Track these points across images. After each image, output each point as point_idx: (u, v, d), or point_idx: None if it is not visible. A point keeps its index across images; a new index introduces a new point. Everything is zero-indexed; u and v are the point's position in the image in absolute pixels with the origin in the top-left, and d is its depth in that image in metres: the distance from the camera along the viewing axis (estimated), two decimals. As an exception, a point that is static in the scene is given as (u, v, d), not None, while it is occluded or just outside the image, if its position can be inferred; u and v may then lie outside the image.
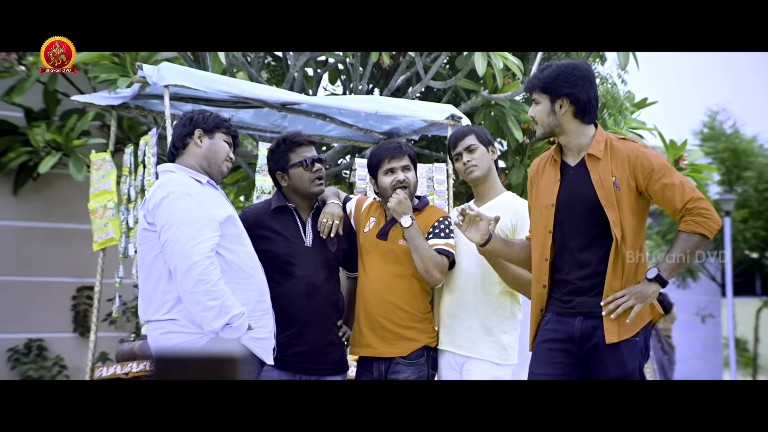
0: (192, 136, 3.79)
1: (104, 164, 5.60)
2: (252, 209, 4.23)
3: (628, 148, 3.49)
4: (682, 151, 7.07)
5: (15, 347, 8.01)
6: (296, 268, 4.02)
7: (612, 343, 3.41)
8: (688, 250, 3.40)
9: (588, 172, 3.51)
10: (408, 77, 7.06)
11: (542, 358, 3.56)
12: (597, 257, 3.47)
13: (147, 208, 3.67)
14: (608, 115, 6.69)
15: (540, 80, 3.57)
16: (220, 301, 3.49)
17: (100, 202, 5.59)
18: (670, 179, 3.43)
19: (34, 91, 7.66)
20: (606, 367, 3.42)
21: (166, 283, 3.60)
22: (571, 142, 3.57)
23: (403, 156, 4.15)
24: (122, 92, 5.53)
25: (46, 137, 7.26)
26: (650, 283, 3.41)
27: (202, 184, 3.73)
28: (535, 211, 3.67)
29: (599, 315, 3.44)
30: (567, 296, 3.53)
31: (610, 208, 3.43)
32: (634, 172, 3.44)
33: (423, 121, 5.59)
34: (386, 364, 4.06)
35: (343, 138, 6.16)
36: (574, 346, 3.50)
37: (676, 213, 3.43)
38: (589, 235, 3.49)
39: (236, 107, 5.64)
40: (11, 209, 7.99)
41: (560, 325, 3.53)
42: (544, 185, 3.63)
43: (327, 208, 4.14)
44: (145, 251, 3.69)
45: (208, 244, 3.54)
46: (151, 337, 3.72)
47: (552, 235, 3.56)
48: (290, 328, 3.96)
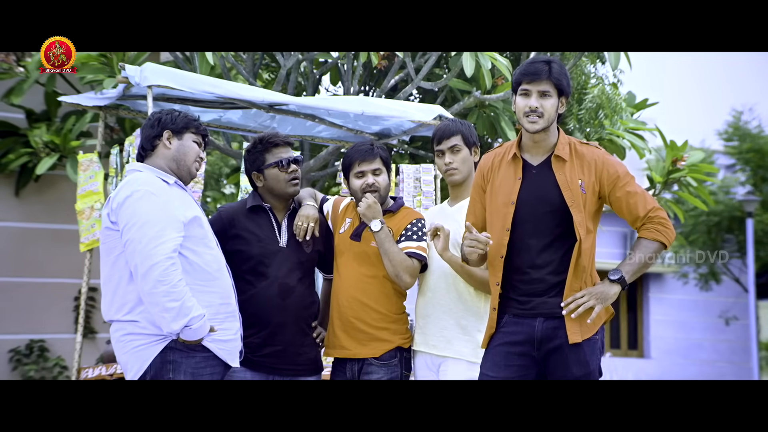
0: (160, 137, 3.75)
1: (91, 165, 5.60)
2: (227, 209, 4.19)
3: (594, 154, 3.55)
4: (682, 152, 6.97)
5: (16, 348, 8.04)
6: (270, 269, 4.00)
7: (575, 343, 3.40)
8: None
9: (552, 173, 3.51)
10: (403, 78, 7.00)
11: (497, 360, 3.52)
12: (557, 257, 3.47)
13: (111, 206, 3.63)
14: (604, 115, 6.59)
15: (555, 74, 3.50)
16: (179, 302, 3.45)
17: (87, 203, 5.59)
18: (633, 188, 3.50)
19: (36, 93, 7.70)
20: (569, 366, 3.42)
21: (127, 284, 3.56)
22: (546, 140, 3.56)
23: (373, 159, 4.10)
24: (108, 93, 5.53)
25: (44, 138, 7.28)
26: (612, 283, 3.44)
27: (169, 184, 3.69)
28: (491, 207, 3.63)
29: (560, 316, 3.43)
30: (525, 297, 3.51)
31: (576, 209, 3.45)
32: (599, 178, 3.50)
33: (411, 121, 5.54)
34: (359, 365, 4.03)
35: (334, 139, 6.12)
36: (533, 348, 3.48)
37: (638, 220, 3.49)
38: (550, 236, 3.48)
39: (224, 108, 5.62)
40: (13, 210, 8.03)
41: (519, 327, 3.50)
42: (501, 182, 3.59)
43: (302, 211, 4.11)
44: (107, 251, 3.66)
45: (171, 245, 3.50)
46: (112, 338, 3.69)
47: (509, 233, 3.52)
48: (264, 328, 3.95)
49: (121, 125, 7.90)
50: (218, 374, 3.65)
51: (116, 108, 5.64)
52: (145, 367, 3.55)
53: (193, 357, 3.56)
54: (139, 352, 3.56)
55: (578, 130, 6.75)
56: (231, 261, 3.86)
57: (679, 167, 6.85)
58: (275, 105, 5.53)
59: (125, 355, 3.62)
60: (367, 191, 4.07)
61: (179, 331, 3.48)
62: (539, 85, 3.50)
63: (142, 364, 3.55)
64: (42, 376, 8.02)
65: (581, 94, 6.85)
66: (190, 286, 3.52)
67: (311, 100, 5.67)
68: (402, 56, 6.51)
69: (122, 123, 7.87)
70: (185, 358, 3.55)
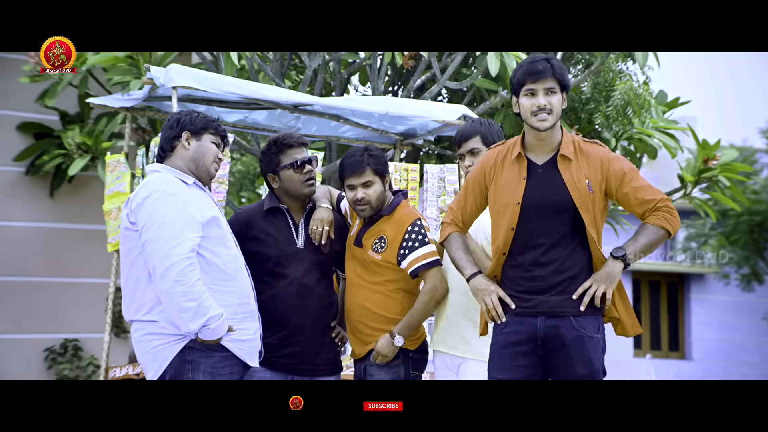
0: (179, 138, 3.76)
1: (118, 166, 5.65)
2: (244, 211, 4.21)
3: (599, 152, 3.55)
4: (714, 151, 6.87)
5: (51, 347, 8.17)
6: (288, 270, 4.02)
7: (580, 335, 3.42)
8: (654, 242, 3.48)
9: (558, 172, 3.51)
10: (430, 78, 6.97)
11: (503, 363, 3.52)
12: (563, 256, 3.47)
13: (130, 207, 3.66)
14: (632, 113, 6.51)
15: (559, 71, 3.52)
16: (197, 302, 3.46)
17: (114, 204, 5.64)
18: (639, 182, 3.52)
19: (70, 95, 7.81)
20: (573, 365, 3.42)
21: (146, 284, 3.58)
22: (551, 138, 3.55)
23: (362, 172, 4.02)
24: (135, 94, 5.56)
25: (77, 140, 7.38)
26: (615, 260, 3.46)
27: (187, 184, 3.70)
28: (496, 205, 3.62)
29: (561, 314, 3.44)
30: (527, 294, 3.50)
31: (584, 210, 3.46)
32: (606, 176, 3.51)
33: (435, 121, 5.52)
34: (363, 365, 4.04)
35: (359, 139, 6.11)
36: (536, 346, 3.48)
37: (647, 211, 3.51)
38: (557, 235, 3.48)
39: (249, 109, 5.64)
40: (48, 211, 8.16)
41: (521, 326, 3.50)
42: (506, 181, 3.59)
43: (316, 214, 4.11)
44: (126, 251, 3.68)
45: (189, 245, 3.51)
46: (133, 338, 3.72)
47: (514, 232, 3.52)
48: (282, 329, 3.97)
49: (153, 126, 7.98)
50: (237, 374, 3.66)
51: (143, 109, 5.68)
52: (165, 367, 3.57)
53: (212, 357, 3.58)
54: (158, 352, 3.59)
55: (606, 128, 6.69)
56: (249, 263, 3.87)
57: (710, 166, 6.75)
58: (299, 105, 5.54)
59: (145, 354, 3.65)
60: (358, 204, 4.04)
61: (197, 331, 3.50)
62: (545, 82, 3.49)
63: (162, 364, 3.58)
64: (76, 375, 8.13)
65: (609, 91, 6.78)
66: (209, 286, 3.54)
67: (335, 101, 5.67)
68: (427, 56, 6.48)
69: (154, 124, 7.95)
70: (204, 357, 3.57)
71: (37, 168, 7.86)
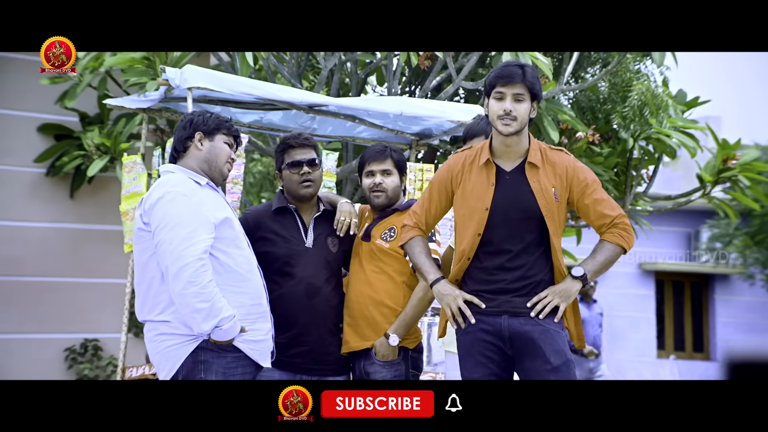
0: (192, 139, 3.78)
1: (135, 167, 5.67)
2: (252, 212, 4.25)
3: (565, 161, 3.60)
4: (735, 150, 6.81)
5: (71, 347, 8.23)
6: (296, 269, 4.03)
7: (546, 329, 3.48)
8: (611, 259, 3.57)
9: (526, 180, 3.56)
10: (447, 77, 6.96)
11: (476, 361, 3.56)
12: (529, 262, 3.54)
13: (143, 207, 3.68)
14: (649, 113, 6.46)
15: (528, 78, 3.55)
16: (209, 303, 3.48)
17: (131, 204, 5.66)
18: (600, 194, 3.59)
19: (90, 96, 7.86)
20: (546, 356, 3.46)
21: (159, 284, 3.60)
22: (518, 145, 3.59)
23: (384, 160, 4.18)
24: (151, 95, 5.59)
25: (96, 141, 7.43)
26: (574, 280, 3.53)
27: (201, 185, 3.72)
28: (462, 210, 3.65)
29: (524, 314, 3.50)
30: (490, 295, 3.55)
31: (550, 218, 3.54)
32: (570, 185, 3.58)
33: (451, 121, 5.51)
34: (364, 363, 4.04)
35: (375, 139, 6.10)
36: (504, 344, 3.53)
37: (603, 226, 3.59)
38: (523, 242, 3.54)
39: (264, 109, 5.65)
40: (68, 212, 8.22)
41: (485, 325, 3.54)
42: (474, 187, 3.62)
43: (344, 207, 4.17)
44: (140, 251, 3.70)
45: (201, 246, 3.52)
46: (146, 338, 3.74)
47: (480, 238, 3.57)
48: (290, 329, 3.98)
49: (171, 127, 8.02)
50: (249, 374, 3.67)
51: (159, 110, 5.70)
52: (177, 367, 3.58)
53: (225, 357, 3.59)
54: (170, 352, 3.60)
55: (623, 128, 6.65)
56: (259, 263, 3.87)
57: (730, 166, 6.70)
58: (314, 106, 5.54)
59: (158, 355, 3.67)
60: (374, 190, 4.14)
61: (210, 332, 3.51)
62: (513, 88, 3.53)
63: (174, 364, 3.59)
64: (96, 375, 8.19)
65: (626, 91, 6.74)
66: (221, 286, 3.55)
67: (350, 101, 5.67)
68: (442, 56, 6.47)
69: (172, 125, 7.99)
70: (216, 358, 3.58)
71: (58, 169, 7.92)
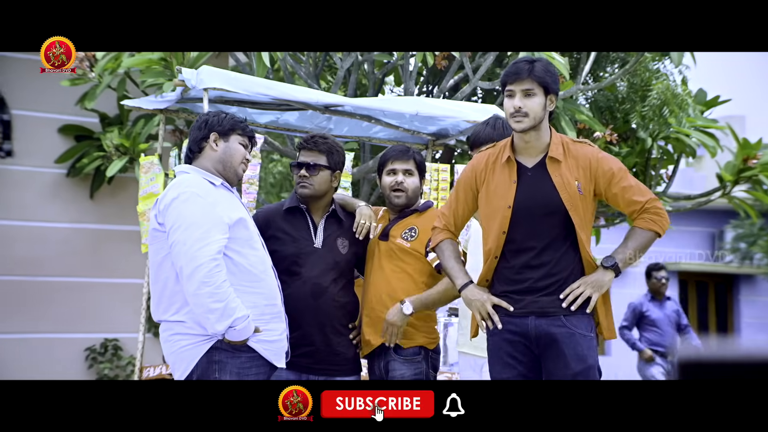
0: (207, 139, 3.79)
1: (152, 167, 5.69)
2: (264, 211, 4.27)
3: (587, 153, 3.55)
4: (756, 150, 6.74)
5: (92, 347, 8.29)
6: (303, 269, 4.04)
7: (571, 333, 3.43)
8: (643, 245, 3.51)
9: (548, 175, 3.52)
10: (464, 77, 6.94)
11: (504, 362, 3.54)
12: (554, 259, 3.49)
13: (158, 208, 3.69)
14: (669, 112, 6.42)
15: (537, 72, 3.51)
16: (223, 303, 3.48)
17: (148, 205, 5.68)
18: (627, 182, 3.53)
19: (110, 98, 7.91)
20: (567, 363, 3.42)
21: (174, 284, 3.61)
22: (538, 140, 3.55)
23: (407, 160, 4.19)
24: (167, 96, 5.61)
25: (115, 142, 7.48)
26: (606, 270, 3.48)
27: (215, 185, 3.72)
28: (487, 209, 3.62)
29: (552, 314, 3.46)
30: (517, 295, 3.51)
31: (574, 212, 3.48)
32: (594, 177, 3.52)
33: (467, 122, 5.50)
34: (384, 362, 4.05)
35: (391, 139, 6.11)
36: (531, 344, 3.50)
37: (635, 212, 3.53)
38: (548, 238, 3.49)
39: (280, 110, 5.66)
40: (88, 212, 8.28)
41: (513, 326, 3.51)
42: (497, 185, 3.59)
43: (364, 210, 4.18)
44: (155, 251, 3.72)
45: (215, 246, 3.53)
46: (161, 338, 3.76)
47: (506, 236, 3.54)
48: (297, 329, 3.97)
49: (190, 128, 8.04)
50: (264, 374, 3.67)
51: (176, 111, 5.73)
52: (192, 367, 3.60)
53: (239, 357, 3.59)
54: (185, 352, 3.61)
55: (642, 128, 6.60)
56: None
57: (750, 165, 6.63)
58: (330, 106, 5.55)
59: (172, 354, 3.68)
60: (395, 189, 4.15)
61: (224, 332, 3.52)
62: (522, 84, 3.49)
63: (189, 364, 3.60)
64: (116, 375, 8.24)
65: (645, 90, 6.69)
66: (235, 287, 3.56)
67: (366, 101, 5.67)
68: (459, 56, 6.45)
69: (191, 126, 8.01)
70: (231, 358, 3.58)
71: (78, 170, 7.98)
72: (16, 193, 8.29)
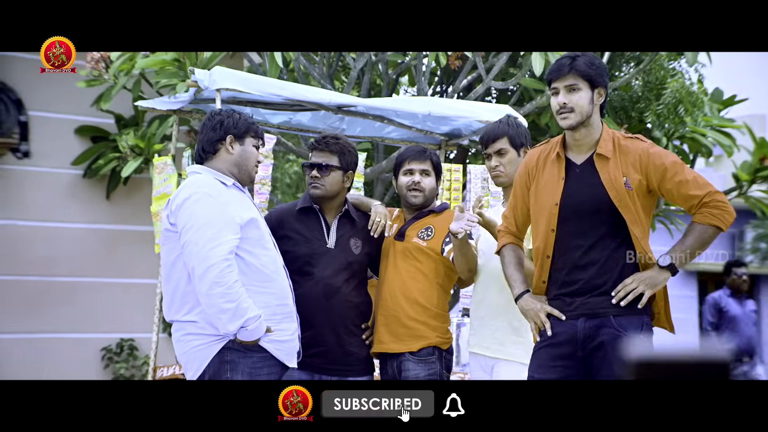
0: (223, 141, 3.77)
1: (166, 168, 5.71)
2: (276, 210, 4.28)
3: (638, 148, 3.43)
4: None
5: (108, 347, 8.33)
6: (315, 269, 4.04)
7: (618, 336, 3.34)
8: (703, 241, 3.38)
9: (596, 172, 3.42)
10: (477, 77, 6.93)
11: (541, 362, 3.48)
12: (603, 257, 3.40)
13: (170, 208, 3.69)
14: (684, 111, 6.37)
15: (581, 67, 3.44)
16: (235, 303, 3.49)
17: (161, 205, 5.69)
18: (683, 176, 3.39)
19: (126, 99, 7.95)
20: (612, 366, 3.34)
21: (186, 284, 3.62)
22: (588, 137, 3.47)
23: (424, 160, 4.20)
24: (181, 97, 5.62)
25: (130, 143, 7.51)
26: (662, 270, 3.38)
27: (227, 186, 3.72)
28: (536, 206, 3.56)
29: (602, 314, 3.38)
30: (568, 297, 3.45)
31: (624, 208, 3.37)
32: (646, 172, 3.40)
33: (479, 122, 5.48)
34: (397, 362, 4.04)
35: (404, 140, 6.09)
36: (576, 348, 3.42)
37: (693, 207, 3.40)
38: (595, 236, 3.40)
39: (293, 110, 5.66)
40: (104, 213, 8.33)
41: (561, 328, 3.44)
42: (546, 182, 3.53)
43: (379, 209, 4.19)
44: (167, 252, 3.72)
45: (227, 247, 3.54)
46: (173, 338, 3.77)
47: (555, 234, 3.47)
48: (309, 329, 3.97)
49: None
50: (275, 374, 3.68)
51: (190, 112, 5.74)
52: (204, 367, 3.60)
53: (251, 357, 3.60)
54: (197, 352, 3.62)
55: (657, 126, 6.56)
56: None
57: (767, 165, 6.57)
58: (343, 106, 5.55)
59: (185, 354, 3.69)
60: (412, 189, 4.15)
61: (236, 332, 3.53)
62: (564, 80, 3.44)
63: (201, 364, 3.61)
64: (132, 375, 8.28)
65: (660, 89, 6.65)
66: (247, 287, 3.56)
67: (378, 101, 5.66)
68: (472, 56, 6.44)
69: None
70: (243, 358, 3.59)
71: (94, 171, 8.02)
72: (33, 194, 8.34)
